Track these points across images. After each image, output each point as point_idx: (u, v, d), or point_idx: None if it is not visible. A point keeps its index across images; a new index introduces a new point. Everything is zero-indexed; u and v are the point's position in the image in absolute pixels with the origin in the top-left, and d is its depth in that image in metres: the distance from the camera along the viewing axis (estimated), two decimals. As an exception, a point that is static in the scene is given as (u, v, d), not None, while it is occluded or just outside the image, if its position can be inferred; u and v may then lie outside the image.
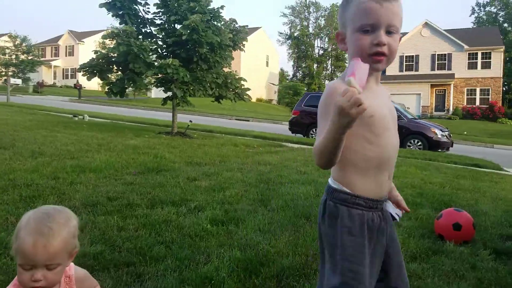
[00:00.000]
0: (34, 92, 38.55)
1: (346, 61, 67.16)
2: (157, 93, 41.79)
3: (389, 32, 1.39)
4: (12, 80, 29.05)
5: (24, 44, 42.26)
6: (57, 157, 5.96)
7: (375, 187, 1.45)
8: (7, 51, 40.70)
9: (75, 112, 16.29)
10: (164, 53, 11.09)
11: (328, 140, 1.29)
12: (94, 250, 2.64)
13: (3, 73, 40.18)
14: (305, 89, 49.54)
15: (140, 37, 10.80)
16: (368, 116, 1.37)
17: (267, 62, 54.12)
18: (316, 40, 68.61)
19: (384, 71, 36.36)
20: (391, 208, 1.51)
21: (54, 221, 1.45)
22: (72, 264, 1.63)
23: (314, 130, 14.67)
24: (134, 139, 9.02)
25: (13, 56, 40.56)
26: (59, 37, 58.00)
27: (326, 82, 64.77)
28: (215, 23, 10.70)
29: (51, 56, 57.60)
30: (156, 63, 10.41)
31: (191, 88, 10.52)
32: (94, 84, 45.30)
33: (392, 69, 36.36)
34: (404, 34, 35.97)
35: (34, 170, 4.93)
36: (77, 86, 36.29)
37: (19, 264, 1.42)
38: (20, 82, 35.49)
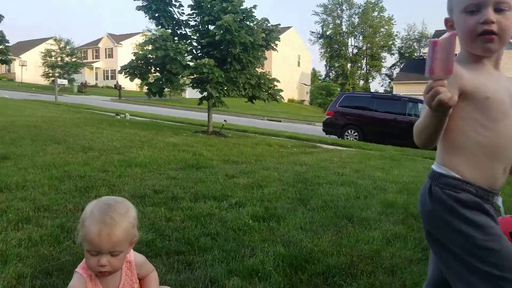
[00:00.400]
0: (79, 92, 40.25)
1: (383, 60, 66.01)
2: (191, 93, 42.51)
3: (499, 10, 1.29)
4: (59, 81, 30.49)
5: (68, 47, 44.40)
6: (105, 152, 6.28)
7: (487, 177, 1.33)
8: (53, 53, 42.93)
9: (117, 111, 16.93)
10: (198, 54, 11.35)
11: (427, 121, 1.23)
12: (146, 238, 2.82)
13: (50, 74, 42.37)
14: (339, 89, 48.79)
15: (176, 38, 11.11)
16: (483, 98, 1.29)
17: (298, 62, 53.80)
18: (349, 39, 67.45)
19: (423, 71, 35.09)
20: (501, 205, 1.37)
21: (115, 212, 1.59)
22: (132, 250, 1.78)
23: (349, 131, 14.55)
24: (173, 137, 9.32)
25: (58, 58, 42.78)
26: (99, 40, 60.26)
27: (361, 82, 63.68)
28: (248, 23, 10.79)
29: (92, 58, 59.94)
30: (191, 64, 10.66)
31: (225, 88, 10.71)
32: (132, 85, 46.65)
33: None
34: None
35: (86, 163, 5.24)
36: (117, 87, 37.62)
37: (86, 250, 1.59)
38: (66, 83, 37.16)
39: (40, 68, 45.46)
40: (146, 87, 10.86)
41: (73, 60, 43.44)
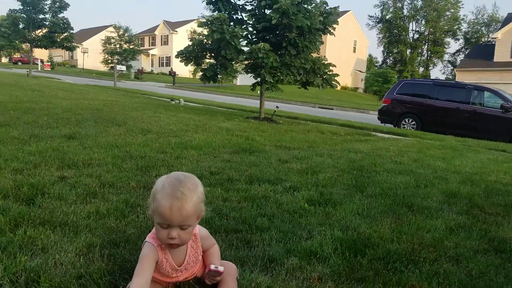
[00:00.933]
0: (135, 78, 41.98)
1: (446, 46, 61.82)
2: (242, 80, 42.80)
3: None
4: (118, 67, 31.97)
5: (126, 34, 46.27)
6: (162, 134, 6.50)
7: None
8: (112, 40, 44.94)
9: (172, 96, 17.45)
10: (253, 39, 11.32)
11: None
12: (205, 215, 2.87)
13: (109, 61, 44.49)
14: (396, 76, 46.83)
15: (231, 23, 11.15)
16: None
17: (354, 48, 52.23)
18: (411, 23, 64.23)
19: (492, 58, 32.66)
20: None
21: (185, 187, 1.66)
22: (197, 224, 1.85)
23: (406, 120, 13.99)
24: (225, 122, 9.46)
25: (117, 46, 44.76)
26: (155, 27, 62.18)
27: (421, 69, 60.63)
28: (306, 6, 10.54)
29: (149, 45, 62.07)
30: (246, 49, 10.67)
31: (279, 73, 10.62)
32: (186, 71, 47.77)
33: (503, 55, 32.67)
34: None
35: (145, 145, 5.46)
36: (172, 73, 38.76)
37: (157, 222, 1.67)
38: (125, 69, 38.87)
39: (100, 55, 47.84)
40: (201, 73, 11.05)
41: (131, 47, 45.26)
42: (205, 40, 10.71)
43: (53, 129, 6.10)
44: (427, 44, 63.69)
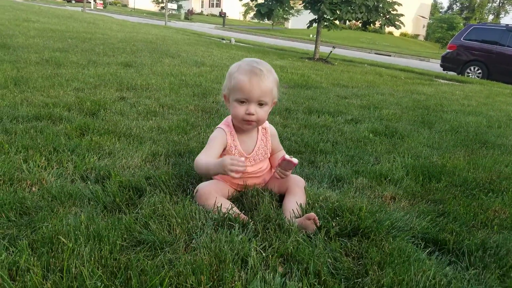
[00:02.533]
0: (185, 19, 41.70)
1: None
2: (294, 23, 41.34)
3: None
4: (169, 5, 31.72)
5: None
6: (216, 67, 6.41)
7: None
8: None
9: (222, 36, 17.17)
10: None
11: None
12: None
13: (160, 0, 44.26)
14: (462, 23, 43.28)
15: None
16: None
17: (418, -9, 48.33)
18: (483, -36, 58.22)
19: None
20: None
21: (262, 66, 1.72)
22: (266, 121, 1.87)
23: (472, 68, 12.98)
24: (279, 60, 9.19)
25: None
26: (206, -34, 60.42)
27: (490, 17, 55.60)
28: None
29: (199, -15, 60.77)
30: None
31: (339, 10, 9.99)
32: (235, 13, 46.71)
33: None
34: None
35: (200, 75, 5.40)
36: (222, 14, 38.03)
37: (235, 99, 1.69)
38: (175, 7, 38.61)
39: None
40: (255, 8, 10.66)
41: (181, -14, 44.61)
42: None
43: (109, 57, 6.17)
44: (500, -12, 57.88)
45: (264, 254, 1.35)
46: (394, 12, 10.24)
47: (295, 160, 1.68)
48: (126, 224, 1.43)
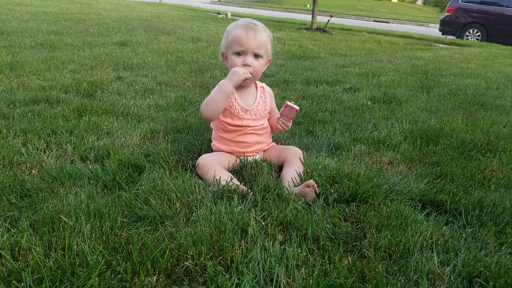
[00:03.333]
0: (180, -5, 40.80)
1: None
2: (291, -6, 40.43)
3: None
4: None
5: None
6: (213, 43, 6.32)
7: None
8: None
9: (218, 11, 16.88)
10: None
11: None
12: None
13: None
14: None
15: None
16: None
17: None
18: None
19: None
20: None
21: (257, 22, 1.84)
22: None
23: (471, 31, 12.76)
24: (276, 32, 9.04)
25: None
26: None
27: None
28: None
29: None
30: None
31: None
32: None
33: None
34: None
35: (196, 51, 5.34)
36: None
37: (233, 52, 1.80)
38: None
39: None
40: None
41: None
42: None
43: (104, 37, 6.10)
44: None
45: (263, 223, 1.38)
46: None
47: (296, 107, 1.78)
48: (127, 200, 1.45)
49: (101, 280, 1.06)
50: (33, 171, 1.71)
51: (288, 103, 1.79)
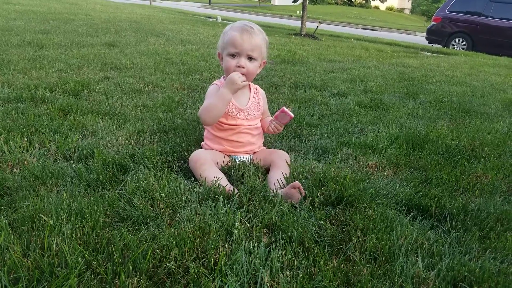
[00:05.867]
0: (171, -1, 40.75)
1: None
2: (281, 0, 40.74)
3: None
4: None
5: None
6: (202, 45, 6.31)
7: None
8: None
9: (209, 15, 16.88)
10: None
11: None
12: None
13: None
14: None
15: None
16: None
17: (403, -35, 47.90)
18: None
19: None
20: None
21: (253, 25, 1.87)
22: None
23: (456, 40, 12.97)
24: (268, 38, 9.06)
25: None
26: None
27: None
28: None
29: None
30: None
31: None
32: (221, -10, 45.66)
33: None
34: None
35: (186, 53, 5.32)
36: (207, -9, 37.20)
37: (228, 54, 1.84)
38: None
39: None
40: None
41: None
42: None
43: (93, 38, 6.04)
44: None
45: (248, 225, 1.36)
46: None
47: (291, 114, 1.81)
48: (109, 200, 1.42)
49: (80, 280, 1.03)
50: (15, 169, 1.67)
51: (285, 108, 1.81)
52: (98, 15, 9.74)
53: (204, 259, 1.16)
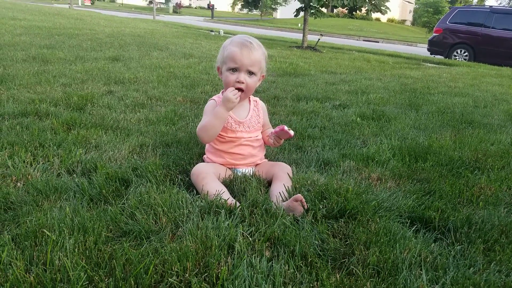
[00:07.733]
0: (174, 13, 41.31)
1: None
2: (283, 13, 41.13)
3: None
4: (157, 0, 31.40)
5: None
6: (205, 59, 6.37)
7: None
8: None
9: (211, 28, 17.05)
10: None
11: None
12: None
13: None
14: (448, 7, 43.34)
15: None
16: None
17: (403, -24, 48.33)
18: None
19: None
20: None
21: (253, 40, 1.87)
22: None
23: (458, 51, 13.02)
24: (268, 50, 9.06)
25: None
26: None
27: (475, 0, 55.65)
28: None
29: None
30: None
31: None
32: (224, 5, 46.32)
33: None
34: None
35: (188, 67, 5.37)
36: (210, 6, 37.74)
37: (227, 69, 1.84)
38: (163, 1, 38.20)
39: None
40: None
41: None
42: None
43: (97, 52, 6.11)
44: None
45: (250, 239, 1.36)
46: (381, -3, 10.23)
47: (292, 132, 1.83)
48: (112, 215, 1.42)
49: (83, 296, 1.03)
50: (18, 184, 1.68)
51: (285, 128, 1.83)
52: (102, 30, 9.86)
53: (206, 274, 1.15)
